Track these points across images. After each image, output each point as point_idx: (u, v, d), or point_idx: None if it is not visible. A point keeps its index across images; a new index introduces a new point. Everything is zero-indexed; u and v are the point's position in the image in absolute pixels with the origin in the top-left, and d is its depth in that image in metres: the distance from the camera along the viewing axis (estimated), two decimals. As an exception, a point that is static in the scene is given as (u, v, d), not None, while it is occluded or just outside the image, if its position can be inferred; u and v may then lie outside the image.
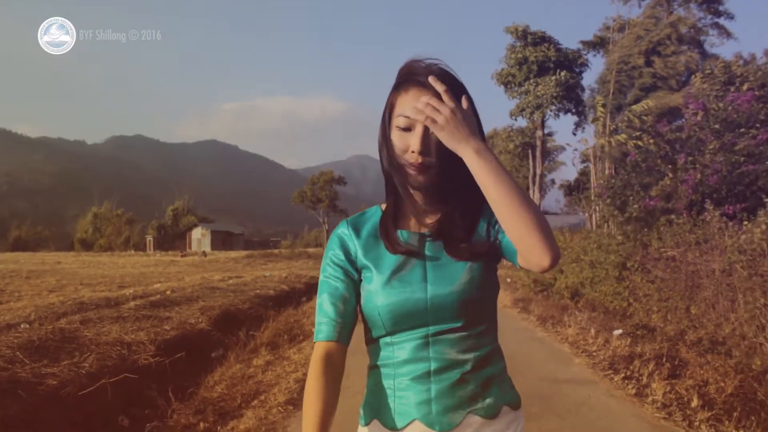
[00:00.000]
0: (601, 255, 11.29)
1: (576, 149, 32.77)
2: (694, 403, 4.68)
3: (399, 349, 1.37)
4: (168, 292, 11.16)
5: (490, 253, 1.39)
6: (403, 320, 1.35)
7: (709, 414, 4.42)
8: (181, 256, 44.02)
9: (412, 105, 1.32)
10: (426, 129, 1.31)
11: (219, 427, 4.42)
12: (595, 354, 6.99)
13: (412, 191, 1.39)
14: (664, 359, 6.02)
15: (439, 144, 1.30)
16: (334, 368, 1.34)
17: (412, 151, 1.32)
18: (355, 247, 1.44)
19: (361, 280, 1.43)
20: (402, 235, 1.42)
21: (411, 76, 1.35)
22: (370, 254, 1.42)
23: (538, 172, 27.00)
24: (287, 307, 11.73)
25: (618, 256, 10.50)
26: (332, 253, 1.46)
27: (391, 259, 1.39)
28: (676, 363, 5.94)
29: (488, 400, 1.37)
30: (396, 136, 1.36)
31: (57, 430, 4.41)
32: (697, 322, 7.76)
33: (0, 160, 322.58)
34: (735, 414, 4.32)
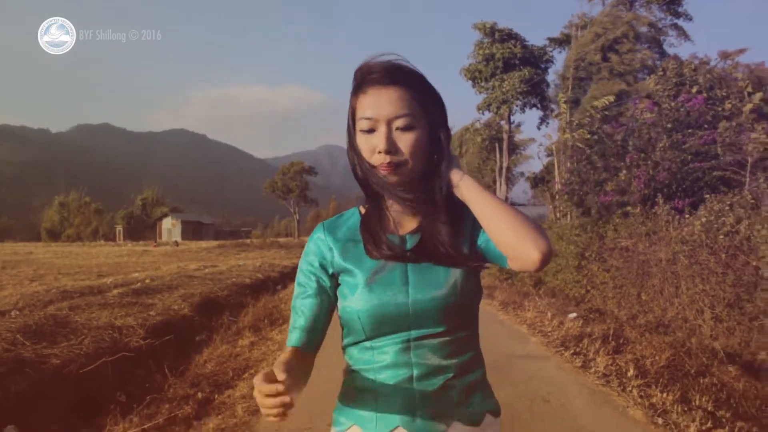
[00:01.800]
0: (563, 245, 11.93)
1: (541, 144, 33.58)
2: (630, 372, 5.37)
3: (380, 353, 1.34)
4: (147, 281, 11.51)
5: (473, 258, 1.36)
6: (384, 325, 1.32)
7: (641, 381, 5.11)
8: (154, 245, 43.89)
9: (371, 106, 1.30)
10: (390, 127, 1.29)
11: (216, 396, 4.94)
12: (549, 334, 7.67)
13: (390, 194, 1.35)
14: (610, 338, 6.70)
15: (408, 141, 1.29)
16: (301, 362, 1.31)
17: (379, 152, 1.29)
18: (332, 252, 1.41)
19: (337, 285, 1.41)
20: None
21: (367, 76, 1.32)
22: (349, 257, 1.39)
23: (505, 164, 27.67)
24: (264, 294, 12.19)
25: (577, 247, 11.13)
26: (306, 260, 1.44)
27: (370, 263, 1.36)
28: (620, 341, 6.62)
29: (472, 407, 1.36)
30: (362, 140, 1.33)
31: (63, 404, 4.84)
32: (646, 307, 8.41)
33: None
34: (662, 380, 5.01)
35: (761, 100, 10.57)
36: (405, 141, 1.28)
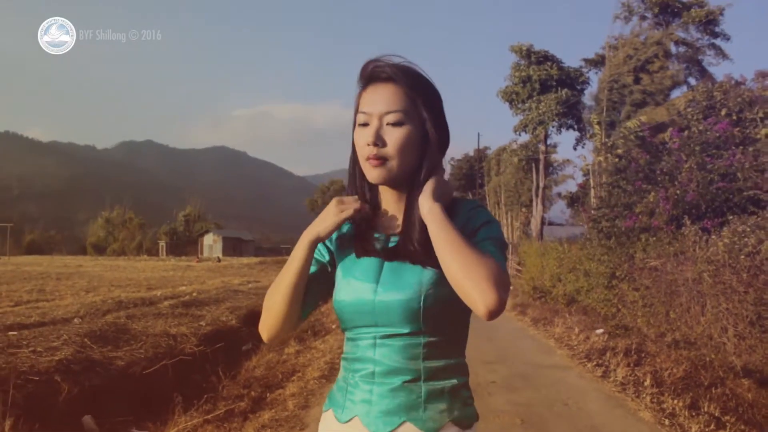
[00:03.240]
0: (593, 266, 12.19)
1: (576, 165, 33.71)
2: (647, 382, 5.77)
3: (355, 345, 1.38)
4: (194, 294, 12.13)
5: None
6: (354, 318, 1.36)
7: (656, 390, 5.51)
8: (197, 261, 44.92)
9: (368, 101, 1.33)
10: (381, 122, 1.31)
11: (268, 394, 5.49)
12: (575, 347, 8.07)
13: (381, 193, 1.41)
14: (632, 352, 7.05)
15: (396, 136, 1.30)
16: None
17: (368, 144, 1.30)
18: (333, 240, 1.47)
19: (333, 262, 1.46)
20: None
21: (368, 73, 1.36)
22: (343, 250, 1.44)
23: (542, 185, 27.90)
24: (306, 308, 12.70)
25: (607, 267, 11.39)
26: None
27: (353, 257, 1.41)
28: (642, 355, 6.97)
29: (429, 413, 1.32)
30: (357, 134, 1.35)
31: (130, 400, 5.43)
32: (674, 325, 8.66)
33: (12, 164, 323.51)
34: (675, 390, 5.40)
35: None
36: (393, 136, 1.30)
